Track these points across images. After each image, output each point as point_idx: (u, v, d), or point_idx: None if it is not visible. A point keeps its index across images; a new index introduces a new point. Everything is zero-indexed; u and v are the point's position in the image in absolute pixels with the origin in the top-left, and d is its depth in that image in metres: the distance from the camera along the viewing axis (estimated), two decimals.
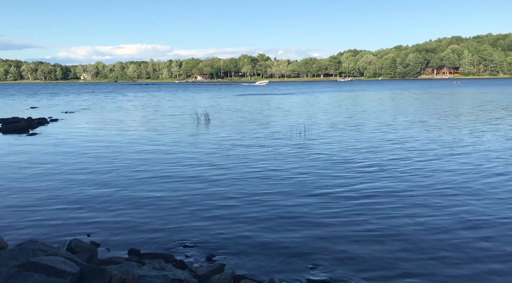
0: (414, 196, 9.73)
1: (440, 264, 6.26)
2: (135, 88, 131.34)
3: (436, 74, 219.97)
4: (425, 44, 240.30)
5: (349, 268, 6.19)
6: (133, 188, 10.84)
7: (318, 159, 14.14)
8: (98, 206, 9.38)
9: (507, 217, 8.24)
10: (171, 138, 19.77)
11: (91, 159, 14.71)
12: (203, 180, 11.49)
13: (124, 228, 8.01)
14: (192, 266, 6.12)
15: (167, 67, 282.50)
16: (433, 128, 21.87)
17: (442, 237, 7.27)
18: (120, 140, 19.28)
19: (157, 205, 9.37)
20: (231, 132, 21.58)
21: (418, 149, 15.65)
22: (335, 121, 26.31)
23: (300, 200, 9.56)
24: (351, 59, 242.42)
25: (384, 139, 18.44)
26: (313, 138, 18.86)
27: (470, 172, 11.93)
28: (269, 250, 6.86)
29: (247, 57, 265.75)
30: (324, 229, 7.70)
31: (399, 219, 8.17)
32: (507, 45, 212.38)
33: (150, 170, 12.82)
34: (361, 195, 9.81)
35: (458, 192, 9.97)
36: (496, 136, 18.77)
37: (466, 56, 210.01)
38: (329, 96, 62.94)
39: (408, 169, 12.44)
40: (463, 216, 8.35)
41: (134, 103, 53.15)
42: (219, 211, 8.85)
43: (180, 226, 8.03)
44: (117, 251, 6.93)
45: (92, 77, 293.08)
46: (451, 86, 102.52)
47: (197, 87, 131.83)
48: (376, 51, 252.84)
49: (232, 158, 14.46)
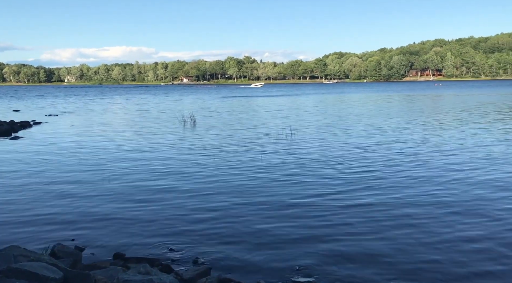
0: (401, 198, 9.82)
1: (427, 266, 6.33)
2: (120, 90, 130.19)
3: (420, 76, 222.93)
4: (409, 46, 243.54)
5: (336, 270, 6.21)
6: (117, 192, 10.73)
7: (304, 161, 14.19)
8: (83, 210, 9.26)
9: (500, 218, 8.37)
10: (155, 141, 19.63)
11: (75, 163, 14.52)
12: (189, 184, 11.43)
13: (109, 232, 7.92)
14: (178, 269, 6.08)
15: (153, 69, 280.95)
16: (420, 130, 22.13)
17: (431, 240, 7.34)
18: (105, 144, 19.08)
19: (142, 208, 9.29)
20: (217, 135, 21.54)
21: (404, 151, 15.81)
22: (322, 124, 26.45)
23: (286, 202, 9.57)
24: (337, 62, 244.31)
25: (369, 142, 18.59)
26: (300, 141, 18.93)
27: (457, 171, 12.12)
28: (256, 252, 6.85)
29: (233, 59, 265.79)
30: (310, 231, 7.73)
31: (385, 221, 8.24)
32: (489, 47, 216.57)
33: (134, 174, 12.70)
34: (347, 198, 9.87)
35: (449, 196, 10.10)
36: (477, 135, 19.10)
37: (449, 58, 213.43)
38: (316, 98, 63.25)
39: (396, 172, 12.56)
40: (452, 219, 8.46)
41: (119, 105, 52.70)
42: (204, 214, 8.81)
43: (166, 229, 7.97)
44: (102, 255, 6.85)
45: (76, 79, 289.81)
46: (433, 88, 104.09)
47: (186, 89, 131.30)
48: (361, 53, 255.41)
49: (217, 162, 14.42)
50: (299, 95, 76.08)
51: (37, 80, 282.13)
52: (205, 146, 17.72)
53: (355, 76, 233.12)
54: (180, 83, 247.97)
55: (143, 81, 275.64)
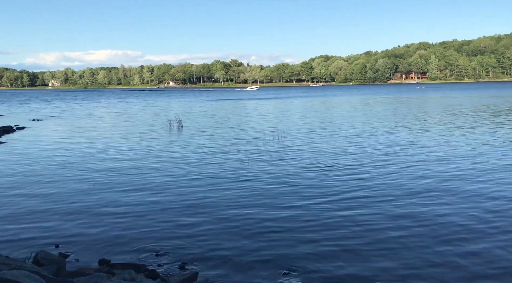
0: (388, 200, 9.88)
1: (413, 272, 6.37)
2: (106, 94, 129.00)
3: (405, 79, 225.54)
4: (394, 49, 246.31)
5: (323, 271, 6.22)
6: (103, 197, 10.60)
7: (292, 164, 14.21)
8: (67, 216, 9.12)
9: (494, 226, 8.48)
10: (141, 146, 19.46)
11: (59, 169, 14.31)
12: (176, 188, 11.35)
13: (94, 238, 7.82)
14: (164, 275, 6.02)
15: (139, 73, 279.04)
16: (407, 132, 22.36)
17: (417, 245, 7.40)
18: (89, 149, 18.85)
19: (128, 214, 9.19)
20: (204, 139, 21.45)
21: (391, 153, 15.94)
22: (310, 127, 26.55)
23: (273, 206, 9.56)
24: (323, 65, 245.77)
25: (356, 143, 18.72)
26: (287, 144, 18.97)
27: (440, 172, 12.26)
28: (243, 257, 6.82)
29: (219, 62, 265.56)
30: (297, 235, 7.72)
31: (372, 223, 8.28)
32: (471, 50, 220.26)
33: (120, 179, 12.57)
34: (333, 200, 9.90)
35: (437, 198, 10.20)
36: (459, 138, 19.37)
37: (433, 61, 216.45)
38: (303, 101, 63.52)
39: (384, 173, 12.65)
40: (439, 222, 8.54)
41: (105, 109, 52.20)
42: (191, 219, 8.75)
43: (152, 235, 7.89)
44: (87, 262, 6.75)
45: (61, 83, 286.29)
46: (416, 90, 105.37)
47: (176, 93, 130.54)
48: (347, 56, 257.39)
49: (204, 166, 14.36)
50: (292, 98, 76.33)
51: (21, 84, 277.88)
52: (192, 150, 17.62)
53: (341, 79, 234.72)
54: (166, 87, 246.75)
55: (129, 85, 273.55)
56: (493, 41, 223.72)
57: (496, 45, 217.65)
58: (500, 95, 65.57)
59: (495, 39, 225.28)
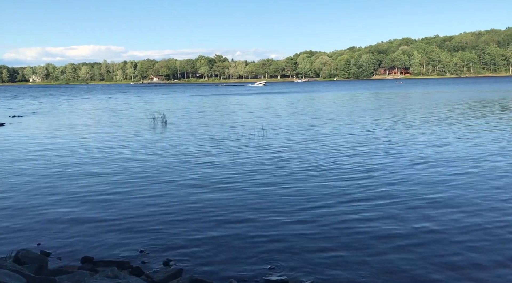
0: (368, 199, 9.98)
1: (394, 266, 6.44)
2: (88, 90, 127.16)
3: (388, 75, 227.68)
4: (377, 45, 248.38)
5: (307, 268, 6.25)
6: (86, 193, 10.46)
7: (276, 160, 14.24)
8: (49, 214, 8.98)
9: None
10: (124, 142, 19.23)
11: (40, 166, 14.07)
12: (160, 184, 11.27)
13: (77, 235, 7.72)
14: (148, 271, 5.98)
15: (122, 68, 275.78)
16: (388, 127, 22.60)
17: (397, 240, 7.49)
18: (71, 145, 18.57)
19: (111, 211, 9.09)
20: (188, 135, 21.34)
21: (375, 149, 16.10)
22: (294, 123, 26.62)
23: (257, 201, 9.57)
24: (307, 60, 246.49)
25: (341, 139, 18.86)
26: (272, 141, 19.00)
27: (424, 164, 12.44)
28: (228, 252, 6.81)
29: (204, 58, 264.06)
30: (282, 230, 7.75)
31: (355, 217, 8.35)
32: (453, 46, 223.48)
33: (102, 175, 12.42)
34: (315, 196, 9.95)
35: (422, 193, 10.33)
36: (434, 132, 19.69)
37: (415, 57, 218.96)
38: (288, 97, 63.67)
39: (367, 168, 12.77)
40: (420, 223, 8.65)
41: (87, 105, 51.47)
42: (176, 215, 8.70)
43: (136, 232, 7.82)
44: (70, 260, 6.66)
45: (42, 79, 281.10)
46: (393, 86, 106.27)
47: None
48: (331, 52, 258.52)
49: (188, 162, 14.28)
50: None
51: (0, 80, 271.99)
52: (177, 145, 17.51)
53: (326, 75, 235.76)
54: (150, 82, 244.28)
55: (111, 81, 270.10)
56: (474, 37, 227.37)
57: (477, 41, 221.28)
58: (463, 89, 66.78)
59: (476, 35, 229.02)
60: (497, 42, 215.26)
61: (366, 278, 5.87)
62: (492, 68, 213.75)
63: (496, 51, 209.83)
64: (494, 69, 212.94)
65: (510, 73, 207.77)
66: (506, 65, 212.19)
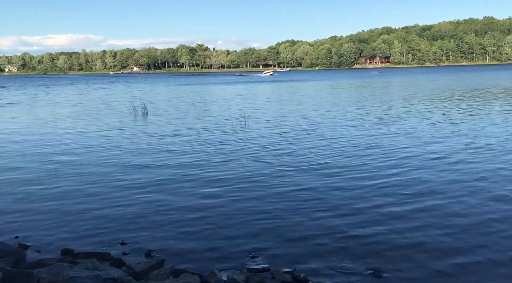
0: (350, 182, 10.09)
1: (375, 253, 6.55)
2: (67, 80, 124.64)
3: (369, 64, 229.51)
4: (358, 34, 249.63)
5: (289, 256, 6.29)
6: (66, 184, 10.29)
7: (256, 149, 14.26)
8: (27, 205, 8.81)
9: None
10: (102, 133, 18.88)
11: (17, 157, 13.78)
12: (140, 174, 11.15)
13: (56, 227, 7.60)
14: (130, 263, 5.93)
15: (101, 58, 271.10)
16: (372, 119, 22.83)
17: (379, 228, 7.60)
18: (49, 136, 18.19)
19: (91, 202, 8.97)
20: (170, 126, 21.17)
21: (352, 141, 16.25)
22: (278, 113, 26.66)
23: (236, 190, 9.57)
24: (289, 50, 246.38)
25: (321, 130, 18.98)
26: (254, 130, 19.00)
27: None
28: (209, 243, 6.80)
29: (185, 47, 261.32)
30: (263, 218, 7.77)
31: (337, 205, 8.44)
32: (432, 35, 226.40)
33: (82, 167, 12.23)
34: (296, 182, 10.01)
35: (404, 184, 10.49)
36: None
37: (396, 46, 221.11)
38: (270, 87, 63.61)
39: (343, 154, 12.89)
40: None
41: (66, 95, 50.47)
42: (156, 206, 8.64)
43: (117, 223, 7.74)
44: (49, 252, 6.56)
45: (18, 69, 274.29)
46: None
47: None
48: (313, 41, 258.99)
49: (170, 153, 14.17)
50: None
51: None
52: (159, 136, 17.35)
53: (307, 64, 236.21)
54: (130, 72, 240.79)
55: (90, 70, 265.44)
56: (452, 26, 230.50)
57: (455, 30, 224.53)
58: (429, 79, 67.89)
59: (454, 24, 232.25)
60: (474, 31, 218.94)
61: (348, 265, 5.95)
62: (470, 57, 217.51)
63: (473, 40, 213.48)
64: (472, 58, 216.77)
65: (487, 61, 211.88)
66: (483, 54, 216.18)
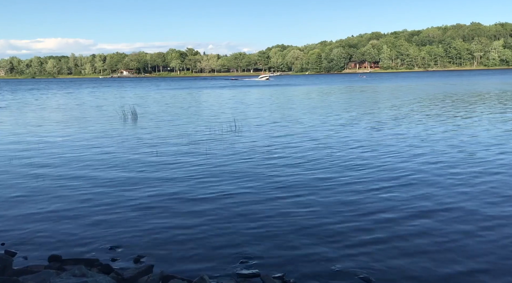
0: (341, 184, 10.12)
1: (365, 259, 6.57)
2: (56, 84, 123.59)
3: (359, 69, 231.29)
4: (348, 39, 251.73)
5: (279, 261, 6.28)
6: (54, 189, 10.17)
7: (247, 153, 14.25)
8: (13, 211, 8.69)
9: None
10: (91, 138, 18.73)
11: (3, 161, 13.59)
12: (129, 179, 11.07)
13: (44, 234, 7.50)
14: (118, 269, 5.88)
15: (90, 62, 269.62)
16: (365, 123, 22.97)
17: (371, 234, 7.63)
18: (37, 141, 17.98)
19: (79, 207, 8.88)
20: (160, 130, 21.08)
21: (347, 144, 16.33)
22: (267, 117, 26.69)
23: (226, 195, 9.55)
24: (279, 54, 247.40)
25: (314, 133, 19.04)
26: (245, 134, 18.99)
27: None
28: (199, 248, 6.76)
29: (175, 51, 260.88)
30: (253, 223, 7.75)
31: (329, 215, 8.46)
32: (421, 40, 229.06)
33: (70, 172, 12.10)
34: (286, 187, 10.02)
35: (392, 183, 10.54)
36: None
37: (385, 51, 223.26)
38: (259, 91, 63.73)
39: (330, 160, 12.94)
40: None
41: (54, 100, 50.01)
42: (145, 211, 8.58)
43: (105, 229, 7.66)
44: (37, 259, 6.47)
45: (6, 73, 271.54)
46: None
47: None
48: (303, 46, 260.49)
49: (160, 157, 14.09)
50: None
51: None
52: (145, 142, 17.25)
53: (298, 69, 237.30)
54: (120, 76, 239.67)
55: (80, 74, 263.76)
56: (440, 31, 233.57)
57: (443, 36, 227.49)
58: (413, 84, 68.66)
59: (442, 30, 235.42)
60: (462, 36, 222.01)
61: (339, 270, 5.97)
62: (458, 62, 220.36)
63: (461, 45, 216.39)
64: (459, 63, 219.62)
65: (474, 66, 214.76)
66: (470, 59, 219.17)
